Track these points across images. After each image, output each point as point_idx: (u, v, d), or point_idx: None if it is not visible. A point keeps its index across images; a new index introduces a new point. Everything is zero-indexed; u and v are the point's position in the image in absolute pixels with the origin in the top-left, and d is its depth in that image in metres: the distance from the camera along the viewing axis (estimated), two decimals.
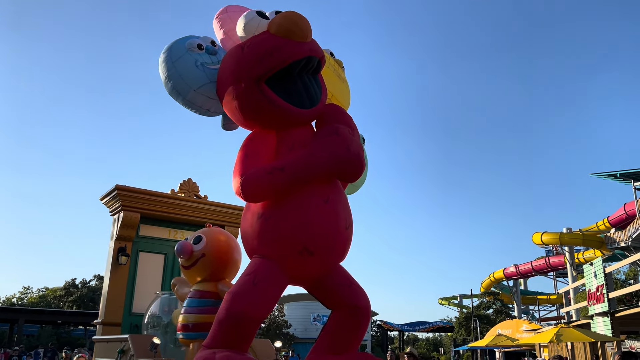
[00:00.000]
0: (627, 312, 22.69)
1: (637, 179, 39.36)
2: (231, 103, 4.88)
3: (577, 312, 34.80)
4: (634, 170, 38.82)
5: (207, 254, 5.21)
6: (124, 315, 6.68)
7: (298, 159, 4.50)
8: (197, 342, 5.10)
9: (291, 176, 4.41)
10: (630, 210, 39.84)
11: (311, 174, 4.46)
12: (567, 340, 20.93)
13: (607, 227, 41.37)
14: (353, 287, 4.80)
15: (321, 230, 4.47)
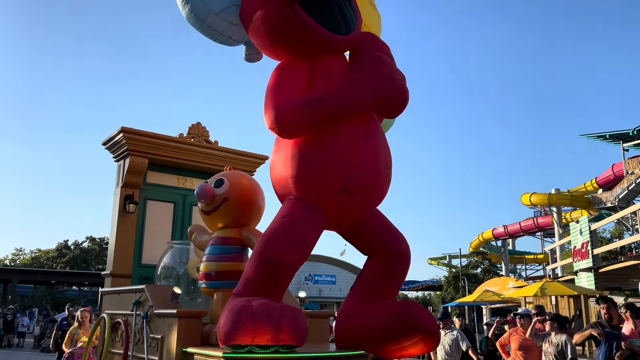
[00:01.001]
0: (610, 268, 23.29)
1: (625, 140, 39.55)
2: (259, 28, 4.38)
3: (562, 269, 35.47)
4: (623, 131, 38.96)
5: (230, 198, 4.80)
6: (134, 266, 6.30)
7: (338, 89, 4.06)
8: (221, 291, 4.75)
9: (330, 108, 3.98)
10: (618, 171, 40.18)
11: (352, 106, 4.04)
12: (552, 294, 21.38)
13: (595, 188, 41.77)
14: (392, 232, 4.46)
15: (362, 170, 4.09)
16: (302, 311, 4.37)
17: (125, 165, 6.30)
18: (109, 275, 6.20)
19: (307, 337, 3.89)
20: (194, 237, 5.32)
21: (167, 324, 4.49)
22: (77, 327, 8.10)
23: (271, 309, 3.70)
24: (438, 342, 4.32)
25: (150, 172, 6.53)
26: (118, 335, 5.45)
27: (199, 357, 4.13)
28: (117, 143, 6.35)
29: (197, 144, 6.63)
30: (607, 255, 34.32)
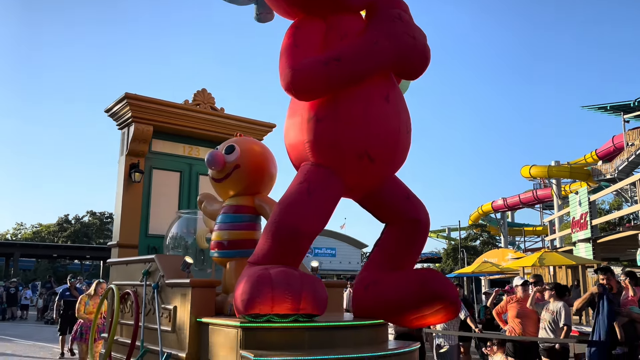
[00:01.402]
0: (608, 238, 23.39)
1: (626, 111, 39.33)
2: None
3: (561, 240, 35.65)
4: (624, 103, 38.71)
5: (241, 165, 4.63)
6: (141, 236, 6.16)
7: (357, 47, 3.86)
8: (234, 260, 4.62)
9: (350, 68, 3.78)
10: (618, 142, 40.06)
11: (372, 65, 3.84)
12: (550, 264, 21.49)
13: (595, 160, 41.72)
14: (411, 199, 4.31)
15: (383, 133, 3.91)
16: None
17: (129, 133, 6.10)
18: (116, 246, 6.06)
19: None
20: (203, 206, 5.17)
21: (180, 294, 4.37)
22: (89, 297, 8.08)
23: (290, 277, 3.57)
24: (458, 311, 4.22)
25: (155, 140, 6.34)
26: (127, 306, 5.35)
27: (214, 327, 4.01)
28: (120, 110, 6.14)
29: (203, 111, 6.43)
30: (605, 227, 34.48)
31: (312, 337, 3.77)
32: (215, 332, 3.99)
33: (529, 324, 6.69)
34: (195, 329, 4.19)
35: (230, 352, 3.76)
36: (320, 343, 3.77)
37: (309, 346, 3.72)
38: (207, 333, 4.10)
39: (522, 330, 6.65)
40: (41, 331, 16.61)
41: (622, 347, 5.71)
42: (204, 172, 6.67)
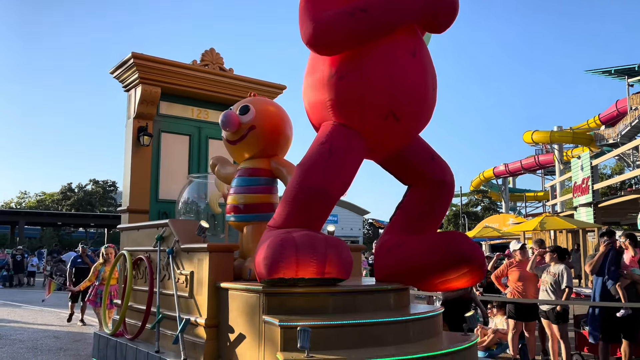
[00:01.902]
0: (609, 202, 23.43)
1: (631, 75, 38.84)
2: None
3: (562, 205, 35.72)
4: (629, 66, 38.20)
5: (257, 127, 4.45)
6: (151, 202, 6.02)
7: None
8: (251, 224, 4.49)
9: (377, 19, 3.56)
10: (621, 107, 39.71)
11: (399, 17, 3.62)
12: (551, 228, 21.55)
13: (598, 125, 41.44)
14: (436, 160, 4.15)
15: (409, 90, 3.71)
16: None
17: (136, 94, 5.89)
18: (126, 212, 5.92)
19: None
20: (217, 169, 5.01)
21: (197, 259, 4.25)
22: (102, 264, 7.95)
23: (315, 240, 3.44)
24: (484, 275, 4.12)
25: (163, 102, 6.13)
26: (140, 272, 5.25)
27: (234, 292, 3.91)
28: (127, 70, 5.91)
29: (212, 72, 6.19)
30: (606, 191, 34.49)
31: (336, 302, 3.67)
32: (235, 297, 3.89)
33: (530, 286, 6.71)
34: (214, 294, 4.09)
35: (251, 318, 3.66)
36: (344, 308, 3.68)
37: (333, 311, 3.62)
38: (226, 298, 4.00)
39: (523, 292, 6.66)
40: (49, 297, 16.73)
41: (625, 309, 5.75)
42: (213, 136, 6.50)
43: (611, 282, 5.97)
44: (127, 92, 6.15)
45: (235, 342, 3.84)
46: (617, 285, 5.91)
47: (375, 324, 3.50)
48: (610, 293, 5.96)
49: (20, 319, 11.30)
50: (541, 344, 7.16)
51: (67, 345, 8.06)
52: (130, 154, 5.89)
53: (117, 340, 5.11)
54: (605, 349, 5.87)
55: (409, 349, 3.40)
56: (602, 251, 6.04)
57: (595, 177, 25.32)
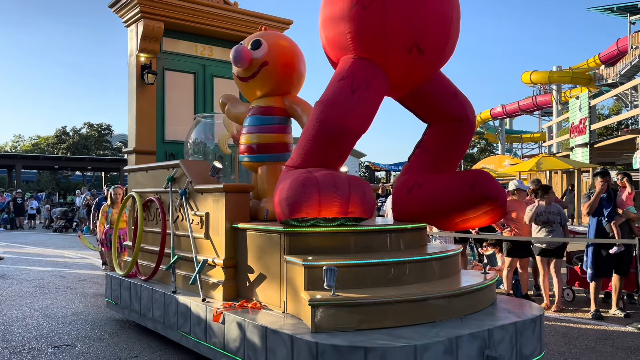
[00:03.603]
0: (605, 143, 23.49)
1: (633, 12, 37.99)
2: None
3: (558, 146, 35.78)
4: (632, 3, 37.28)
5: (270, 62, 4.26)
6: (157, 142, 5.87)
7: None
8: (265, 164, 4.38)
9: None
10: (622, 46, 39.06)
11: None
12: (547, 169, 21.66)
13: (598, 64, 40.88)
14: (459, 97, 4.00)
15: (434, 22, 3.52)
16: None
17: (138, 30, 5.61)
18: (132, 152, 5.78)
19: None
20: (227, 108, 4.85)
21: (212, 200, 4.17)
22: (110, 206, 7.64)
23: (338, 179, 3.35)
24: (505, 214, 4.07)
25: (166, 39, 5.86)
26: (151, 214, 5.18)
27: (253, 232, 3.86)
28: (127, 4, 5.60)
29: (216, 5, 5.89)
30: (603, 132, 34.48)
31: (358, 241, 3.63)
32: (255, 237, 3.83)
33: (524, 225, 6.76)
34: (231, 235, 4.04)
35: (272, 258, 3.63)
36: (366, 247, 3.64)
37: (354, 250, 3.59)
38: (244, 239, 3.95)
39: (518, 231, 6.73)
40: (51, 239, 16.82)
41: (618, 246, 5.84)
42: (219, 74, 6.28)
43: (606, 220, 6.01)
44: (127, 27, 5.86)
45: (255, 282, 3.83)
46: (612, 223, 5.97)
47: (400, 262, 3.47)
48: (605, 231, 6.02)
49: (25, 260, 11.36)
50: (534, 279, 7.34)
51: (73, 284, 8.13)
52: (135, 93, 5.68)
53: (131, 281, 5.10)
54: (597, 283, 6.00)
55: (429, 287, 3.40)
56: (598, 191, 6.04)
57: (593, 118, 25.19)
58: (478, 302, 3.56)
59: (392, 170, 42.91)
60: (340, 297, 3.06)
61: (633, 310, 6.12)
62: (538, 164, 20.59)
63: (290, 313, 3.44)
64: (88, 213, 15.42)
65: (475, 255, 8.42)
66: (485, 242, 7.40)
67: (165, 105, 5.94)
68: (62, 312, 6.04)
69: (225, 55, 6.25)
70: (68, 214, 20.21)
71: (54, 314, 5.91)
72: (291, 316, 3.41)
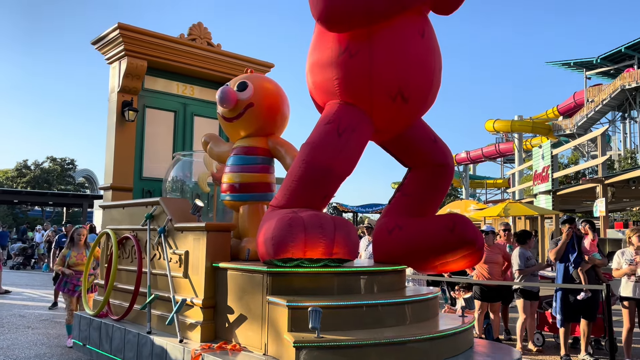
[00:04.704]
0: (568, 190, 24.42)
1: (589, 67, 40.14)
2: None
3: (520, 193, 36.82)
4: (587, 59, 39.44)
5: (255, 104, 4.35)
6: (135, 179, 5.81)
7: None
8: (247, 204, 4.40)
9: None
10: (579, 99, 41.06)
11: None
12: (514, 214, 22.27)
13: (556, 115, 42.74)
14: (438, 144, 4.16)
15: (418, 71, 3.69)
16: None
17: (121, 67, 5.64)
18: (109, 189, 5.70)
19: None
20: (209, 147, 4.88)
21: (193, 238, 4.14)
22: (70, 248, 6.90)
23: (323, 220, 3.40)
24: (481, 258, 4.17)
25: (148, 77, 5.90)
26: (126, 252, 5.08)
27: (234, 272, 3.83)
28: (111, 42, 5.64)
29: (199, 46, 5.99)
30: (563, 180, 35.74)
31: (341, 283, 3.65)
32: (236, 277, 3.81)
33: (495, 269, 6.93)
34: (211, 274, 4.00)
35: (254, 298, 3.60)
36: (348, 289, 3.66)
37: (337, 292, 3.61)
38: (224, 279, 3.91)
39: (489, 275, 6.89)
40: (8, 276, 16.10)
41: (585, 292, 6.03)
42: (199, 113, 6.33)
43: (572, 267, 6.22)
44: (110, 64, 5.89)
45: (235, 323, 3.77)
46: (578, 269, 6.17)
47: (382, 305, 3.50)
48: (572, 277, 6.22)
49: None
50: (504, 324, 7.46)
51: (34, 324, 7.79)
52: (114, 129, 5.66)
53: (102, 321, 4.94)
54: (566, 328, 6.15)
55: (409, 330, 3.43)
56: (564, 239, 6.27)
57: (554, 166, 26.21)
58: (457, 345, 3.60)
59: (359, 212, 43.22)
60: (325, 339, 3.06)
61: (601, 356, 6.25)
62: (505, 210, 21.11)
63: (271, 355, 3.40)
64: (49, 249, 14.88)
65: (447, 299, 8.50)
66: (457, 286, 7.51)
67: (144, 142, 5.92)
68: (24, 353, 5.77)
69: (206, 94, 6.33)
70: (27, 250, 19.47)
71: (16, 356, 5.64)
72: (272, 358, 3.36)
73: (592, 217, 26.99)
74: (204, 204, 4.35)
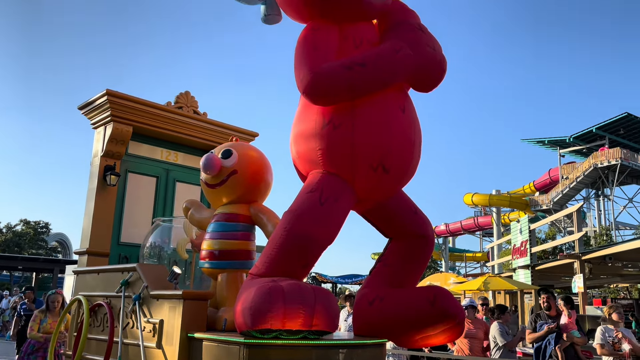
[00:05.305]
0: (546, 266, 24.67)
1: (562, 146, 41.65)
2: None
3: (499, 267, 36.91)
4: (560, 138, 41.00)
5: (239, 171, 4.39)
6: (112, 244, 5.70)
7: (380, 54, 3.75)
8: (226, 272, 4.33)
9: (373, 74, 3.67)
10: (554, 175, 42.26)
11: (395, 73, 3.75)
12: (494, 289, 22.23)
13: (533, 191, 43.72)
14: (419, 214, 4.20)
15: (399, 144, 3.80)
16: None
17: (106, 132, 5.69)
18: (84, 253, 5.57)
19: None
20: (190, 213, 4.85)
21: (168, 307, 4.03)
22: (45, 314, 6.69)
23: (304, 290, 3.34)
24: (462, 332, 4.12)
25: (132, 142, 5.95)
26: (98, 320, 4.90)
27: (210, 343, 3.70)
28: (98, 107, 5.72)
29: (186, 114, 6.11)
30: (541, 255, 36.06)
31: (320, 356, 3.55)
32: (211, 348, 3.68)
33: (475, 343, 6.83)
34: (185, 345, 3.86)
35: None
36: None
37: None
38: (199, 350, 3.77)
39: (470, 350, 6.78)
40: None
41: None
42: (181, 179, 6.35)
43: (551, 346, 6.16)
44: (95, 129, 5.94)
45: None
46: (557, 347, 6.12)
47: None
48: (551, 355, 6.15)
49: None
50: None
51: None
52: (95, 193, 5.61)
53: None
54: None
55: None
56: (546, 331, 6.25)
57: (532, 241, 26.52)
58: None
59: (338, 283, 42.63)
60: None
61: None
62: (485, 284, 21.08)
63: None
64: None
65: None
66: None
67: (124, 207, 5.88)
68: None
69: (189, 161, 6.38)
70: None
71: None
72: None
73: (571, 293, 27.03)
74: (181, 271, 4.27)
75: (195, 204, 4.92)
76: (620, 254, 18.38)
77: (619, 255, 18.63)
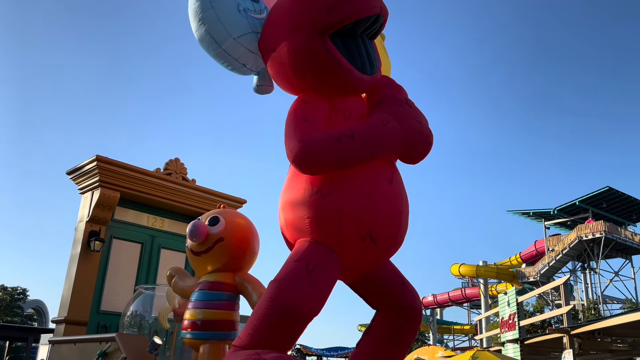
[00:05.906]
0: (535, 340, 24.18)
1: (547, 218, 42.07)
2: (283, 58, 4.14)
3: (487, 340, 36.10)
4: (545, 210, 41.49)
5: (225, 238, 4.36)
6: (92, 312, 5.53)
7: (369, 127, 3.85)
8: (208, 343, 4.20)
9: (362, 146, 3.74)
10: (540, 247, 42.39)
11: (383, 146, 3.83)
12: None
13: (519, 262, 43.67)
14: (407, 286, 4.17)
15: (387, 214, 3.83)
16: None
17: (93, 197, 5.67)
18: (62, 322, 5.39)
19: None
20: (174, 281, 4.76)
21: None
22: None
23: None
24: None
25: (119, 207, 5.93)
26: None
27: None
28: (87, 172, 5.74)
29: (175, 181, 6.14)
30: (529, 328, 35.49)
31: None
32: None
33: None
34: None
35: None
36: None
37: None
38: None
39: None
40: None
41: None
42: (166, 246, 6.28)
43: None
44: (82, 194, 5.92)
45: None
46: None
47: None
48: None
49: None
50: None
51: None
52: (77, 259, 5.51)
53: None
54: None
55: None
56: None
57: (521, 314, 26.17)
58: None
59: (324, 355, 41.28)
60: None
61: None
62: (474, 358, 20.55)
63: None
64: None
65: None
66: None
67: (106, 274, 5.76)
68: None
69: (175, 227, 6.35)
70: None
71: None
72: None
73: None
74: (162, 342, 4.14)
75: (180, 271, 4.84)
76: (610, 329, 18.14)
77: (609, 330, 18.38)
